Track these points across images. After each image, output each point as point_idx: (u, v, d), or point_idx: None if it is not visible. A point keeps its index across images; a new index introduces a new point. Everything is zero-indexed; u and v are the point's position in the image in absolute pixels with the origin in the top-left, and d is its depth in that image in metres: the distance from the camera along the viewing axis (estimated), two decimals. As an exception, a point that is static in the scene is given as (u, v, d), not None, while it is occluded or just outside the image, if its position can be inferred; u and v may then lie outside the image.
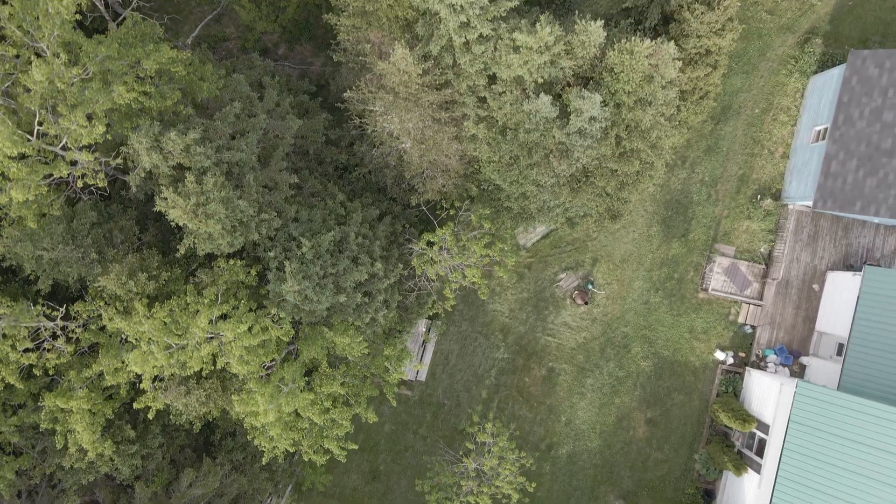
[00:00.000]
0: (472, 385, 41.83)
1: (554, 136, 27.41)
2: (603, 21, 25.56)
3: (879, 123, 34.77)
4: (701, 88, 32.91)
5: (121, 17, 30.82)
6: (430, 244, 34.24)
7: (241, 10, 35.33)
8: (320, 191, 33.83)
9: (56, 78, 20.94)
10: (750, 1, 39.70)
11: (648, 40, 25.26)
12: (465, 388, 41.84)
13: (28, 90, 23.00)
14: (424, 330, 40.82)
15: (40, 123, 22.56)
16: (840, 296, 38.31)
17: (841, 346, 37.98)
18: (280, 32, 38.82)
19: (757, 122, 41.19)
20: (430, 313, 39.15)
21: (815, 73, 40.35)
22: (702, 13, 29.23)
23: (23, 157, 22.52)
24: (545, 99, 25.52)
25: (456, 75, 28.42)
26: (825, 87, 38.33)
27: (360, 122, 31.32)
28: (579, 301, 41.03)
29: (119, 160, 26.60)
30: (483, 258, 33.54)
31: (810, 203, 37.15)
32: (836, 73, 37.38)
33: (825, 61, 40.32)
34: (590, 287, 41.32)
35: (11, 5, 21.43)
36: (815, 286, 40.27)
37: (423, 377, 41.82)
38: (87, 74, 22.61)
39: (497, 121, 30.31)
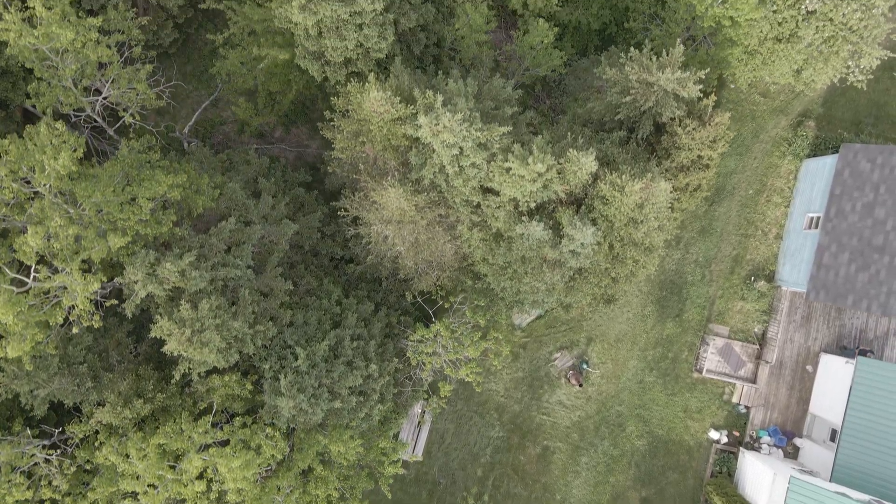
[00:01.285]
0: (467, 463, 41.99)
1: (547, 253, 27.64)
2: (594, 152, 25.76)
3: (871, 219, 35.02)
4: (694, 182, 33.16)
5: (119, 123, 30.91)
6: (423, 339, 34.46)
7: (237, 109, 35.58)
8: (315, 288, 34.03)
9: (52, 237, 21.20)
10: (743, 84, 39.85)
11: (640, 181, 25.45)
12: (461, 466, 42.00)
13: (24, 229, 23.23)
14: (420, 412, 41.00)
15: (36, 272, 22.81)
16: (833, 380, 38.52)
17: (834, 431, 38.16)
18: (276, 117, 39.06)
19: (751, 203, 41.44)
20: (426, 397, 39.34)
21: (809, 156, 40.64)
22: (693, 129, 29.48)
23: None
24: (537, 225, 25.77)
25: (449, 188, 28.66)
26: (818, 175, 38.59)
27: (355, 227, 31.53)
28: (573, 382, 41.23)
29: (117, 280, 26.79)
30: (477, 358, 33.75)
31: (804, 289, 37.40)
32: (828, 163, 37.63)
33: (818, 144, 40.61)
34: (584, 367, 41.53)
35: (8, 154, 21.63)
36: (809, 367, 40.49)
37: (419, 455, 41.97)
38: (82, 221, 22.79)
39: (491, 227, 30.54)
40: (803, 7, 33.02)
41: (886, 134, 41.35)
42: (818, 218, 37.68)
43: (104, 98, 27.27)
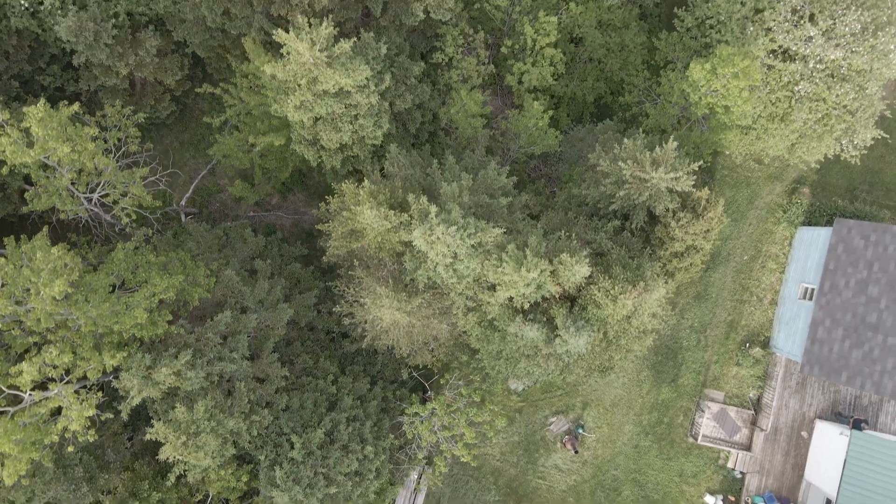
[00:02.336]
0: (463, 527, 42.10)
1: (541, 348, 27.81)
2: (587, 256, 25.93)
3: (864, 296, 35.15)
4: (687, 263, 33.34)
5: (115, 224, 30.79)
6: (418, 415, 34.61)
7: (233, 189, 35.76)
8: (311, 367, 34.18)
9: (46, 369, 21.37)
10: (738, 158, 40.05)
11: (632, 291, 25.62)
12: (458, 530, 42.11)
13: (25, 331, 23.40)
14: (416, 477, 41.09)
15: (31, 393, 22.96)
16: (828, 448, 38.64)
17: (829, 501, 38.30)
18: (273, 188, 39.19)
19: (745, 268, 41.60)
20: (423, 465, 39.45)
21: (803, 223, 40.77)
22: (687, 222, 29.66)
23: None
24: (531, 328, 25.94)
25: (444, 284, 28.83)
26: (812, 245, 38.73)
27: (350, 316, 31.69)
28: (569, 447, 41.35)
29: (110, 377, 26.93)
30: (472, 436, 33.91)
31: (798, 360, 37.53)
32: (822, 235, 37.77)
33: (813, 212, 40.74)
34: (580, 431, 41.64)
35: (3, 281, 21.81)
36: (804, 433, 40.62)
37: (415, 519, 42.07)
38: (76, 337, 22.95)
39: (486, 314, 30.69)
40: (797, 90, 33.20)
41: (881, 201, 41.52)
42: (812, 289, 37.82)
43: (100, 197, 27.39)
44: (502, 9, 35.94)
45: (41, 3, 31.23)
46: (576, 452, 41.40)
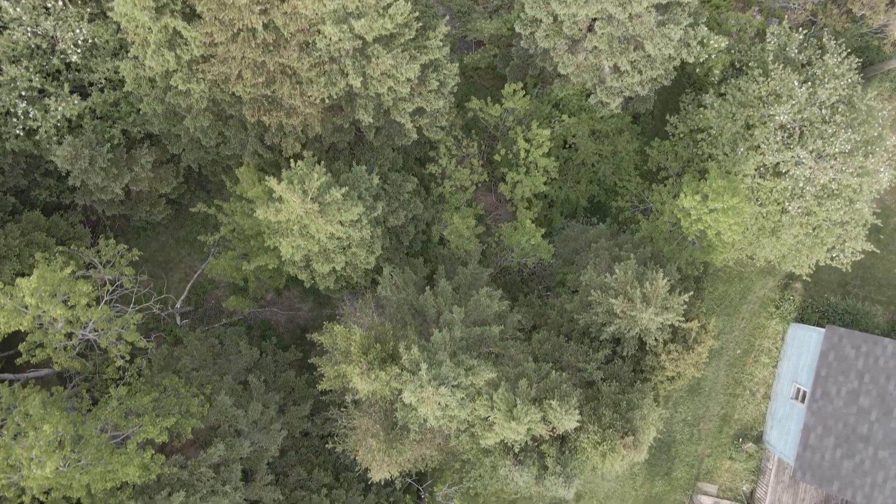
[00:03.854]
0: None
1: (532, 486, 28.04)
2: (578, 409, 26.17)
3: (856, 406, 35.34)
4: (678, 383, 33.55)
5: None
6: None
7: (228, 303, 35.99)
8: (305, 479, 34.34)
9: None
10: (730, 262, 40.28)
11: (620, 448, 25.86)
12: None
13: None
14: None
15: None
16: (820, 546, 38.81)
17: None
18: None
19: (738, 362, 41.78)
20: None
21: (796, 319, 41.00)
22: (678, 354, 29.90)
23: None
24: (521, 473, 26.18)
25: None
26: (804, 346, 38.92)
27: (343, 440, 31.89)
28: (562, 543, 41.48)
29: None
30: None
31: (791, 461, 37.70)
32: (814, 338, 37.94)
33: (805, 308, 40.99)
34: (574, 525, 41.79)
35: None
36: (797, 528, 40.76)
37: None
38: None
39: (480, 441, 30.87)
40: (789, 208, 33.44)
41: (873, 296, 41.75)
42: (804, 392, 38.00)
43: (94, 341, 27.67)
44: (495, 118, 36.21)
45: (36, 132, 31.50)
46: (569, 548, 41.52)
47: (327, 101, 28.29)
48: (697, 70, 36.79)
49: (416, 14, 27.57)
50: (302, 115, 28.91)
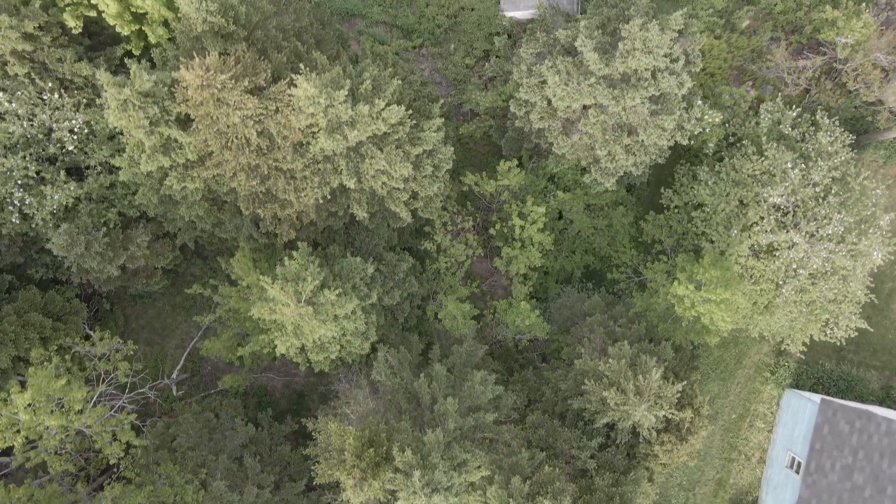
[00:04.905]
0: None
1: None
2: (572, 490, 26.23)
3: (850, 482, 35.40)
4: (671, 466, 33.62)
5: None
6: None
7: (223, 382, 36.11)
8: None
9: None
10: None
11: None
12: None
13: None
14: None
15: None
16: None
17: None
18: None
19: (734, 427, 41.86)
20: None
21: (791, 385, 41.07)
22: (672, 445, 29.99)
23: None
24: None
25: None
26: (799, 414, 38.99)
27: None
28: None
29: None
30: None
31: (786, 530, 37.82)
32: (809, 408, 38.02)
33: (800, 374, 41.06)
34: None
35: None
36: None
37: None
38: None
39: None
40: (783, 291, 33.55)
41: (868, 361, 41.81)
42: (799, 461, 38.07)
43: (90, 437, 27.80)
44: (490, 193, 36.33)
45: (32, 219, 31.62)
46: None
47: (321, 200, 28.41)
48: (692, 142, 36.90)
49: (410, 112, 27.67)
50: (297, 207, 29.01)
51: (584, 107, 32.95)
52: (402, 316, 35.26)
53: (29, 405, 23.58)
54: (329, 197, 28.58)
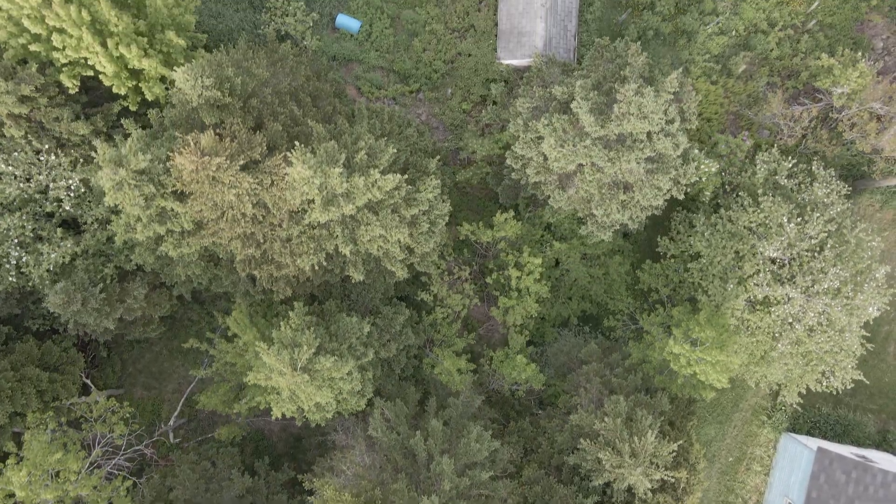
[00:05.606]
0: None
1: None
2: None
3: (847, 534, 35.46)
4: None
5: None
6: None
7: (219, 433, 36.17)
8: None
9: None
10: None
11: None
12: None
13: None
14: None
15: None
16: None
17: None
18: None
19: (730, 470, 41.87)
20: None
21: (787, 429, 41.12)
22: (666, 507, 30.10)
23: None
24: None
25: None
26: (795, 461, 39.02)
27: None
28: None
29: None
30: None
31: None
32: (805, 455, 38.05)
33: (797, 418, 41.09)
34: None
35: None
36: None
37: None
38: None
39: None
40: (779, 346, 33.59)
41: (864, 405, 41.84)
42: (796, 509, 38.14)
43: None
44: (485, 244, 36.39)
45: (29, 277, 31.65)
46: None
47: (317, 267, 28.47)
48: (689, 190, 36.95)
49: (406, 175, 27.72)
50: (293, 269, 29.06)
51: (580, 164, 33.03)
52: (398, 367, 35.30)
53: (25, 483, 23.65)
54: (325, 263, 28.63)
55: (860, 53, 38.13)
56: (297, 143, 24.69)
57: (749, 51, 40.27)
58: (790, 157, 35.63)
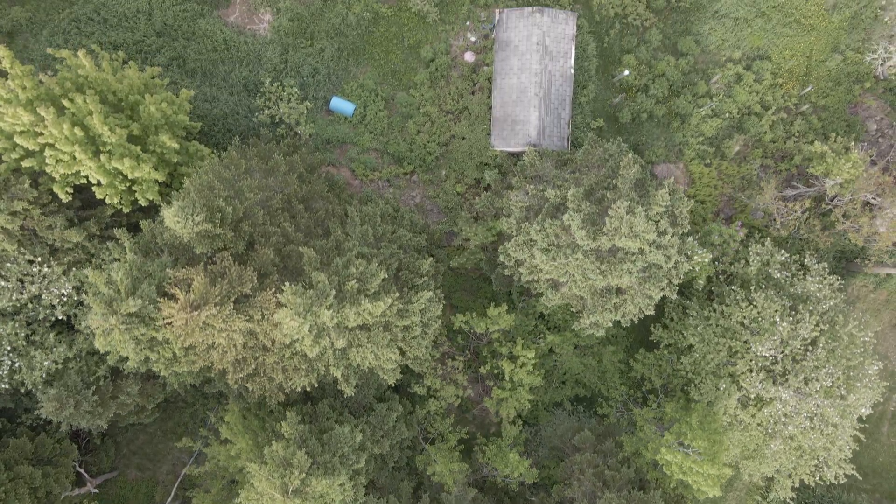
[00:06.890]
0: None
1: None
2: None
3: None
4: None
5: None
6: None
7: None
8: None
9: None
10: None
11: None
12: None
13: None
14: None
15: None
16: None
17: None
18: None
19: (725, 550, 41.88)
20: None
21: (784, 510, 41.17)
22: None
23: None
24: None
25: None
26: (790, 545, 39.09)
27: None
28: None
29: None
30: None
31: None
32: (799, 542, 38.16)
33: (792, 499, 41.08)
34: None
35: None
36: None
37: None
38: None
39: None
40: (772, 445, 33.62)
41: (859, 485, 41.83)
42: None
43: None
44: (478, 334, 36.42)
45: (23, 383, 31.69)
46: None
47: (308, 388, 28.51)
48: (682, 278, 37.00)
49: (398, 295, 27.74)
50: (286, 387, 29.08)
51: (572, 275, 33.08)
52: (391, 461, 35.29)
53: None
54: (317, 385, 28.68)
55: (853, 142, 38.19)
56: (287, 283, 24.58)
57: (743, 133, 40.33)
58: (782, 250, 35.67)
